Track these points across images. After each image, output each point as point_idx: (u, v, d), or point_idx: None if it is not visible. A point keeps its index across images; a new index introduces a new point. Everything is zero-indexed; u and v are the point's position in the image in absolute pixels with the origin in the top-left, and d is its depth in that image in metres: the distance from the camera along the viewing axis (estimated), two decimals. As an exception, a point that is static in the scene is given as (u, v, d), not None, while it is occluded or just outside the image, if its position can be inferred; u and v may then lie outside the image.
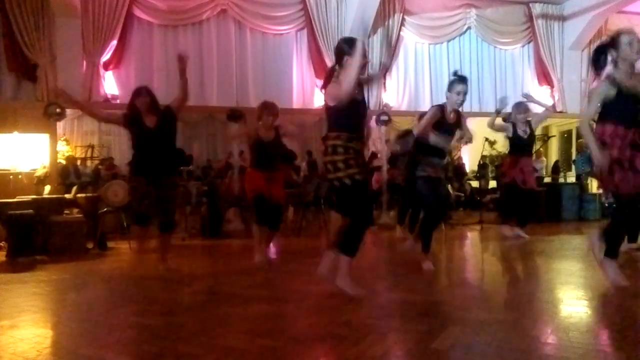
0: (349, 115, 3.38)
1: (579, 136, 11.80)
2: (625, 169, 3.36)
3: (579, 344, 2.52)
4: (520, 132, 6.20)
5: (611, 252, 3.54)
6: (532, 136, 6.37)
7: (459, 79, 4.32)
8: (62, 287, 4.28)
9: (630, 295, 3.52)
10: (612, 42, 3.45)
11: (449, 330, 2.73)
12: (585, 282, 3.85)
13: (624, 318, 2.99)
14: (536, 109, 6.84)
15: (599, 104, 3.49)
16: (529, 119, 6.31)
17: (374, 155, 9.10)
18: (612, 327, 2.87)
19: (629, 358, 2.31)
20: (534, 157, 7.49)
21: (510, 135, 6.25)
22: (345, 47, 3.37)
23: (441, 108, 4.39)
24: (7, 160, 7.18)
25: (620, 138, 3.38)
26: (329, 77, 3.49)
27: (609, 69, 3.53)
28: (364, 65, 3.34)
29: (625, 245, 4.36)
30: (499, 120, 6.33)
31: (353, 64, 3.24)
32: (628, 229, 3.84)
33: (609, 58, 3.49)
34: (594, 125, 3.61)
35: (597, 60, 3.55)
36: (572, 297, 3.49)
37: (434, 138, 4.32)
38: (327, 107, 3.43)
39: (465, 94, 4.32)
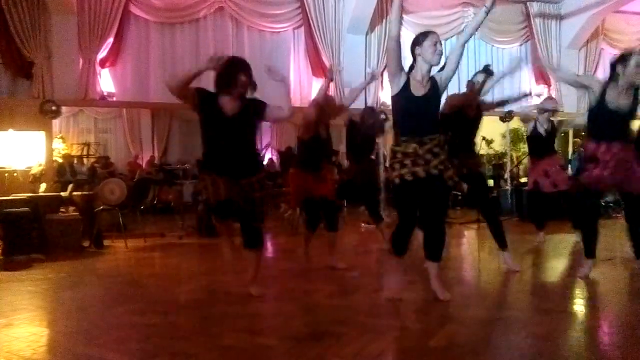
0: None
1: (575, 135, 11.82)
2: (582, 171, 3.89)
3: (577, 342, 2.53)
4: (540, 129, 5.71)
5: (587, 253, 3.89)
6: (551, 133, 5.80)
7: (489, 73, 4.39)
8: (58, 285, 4.26)
9: (628, 294, 3.53)
10: (623, 59, 3.70)
11: (446, 328, 2.73)
12: (582, 280, 3.85)
13: (621, 316, 2.99)
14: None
15: (585, 83, 3.91)
16: (553, 113, 5.87)
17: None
18: (609, 325, 2.88)
19: (627, 356, 2.31)
20: None
21: (529, 132, 5.81)
22: (417, 39, 3.25)
23: None
24: (3, 157, 7.14)
25: (588, 152, 3.81)
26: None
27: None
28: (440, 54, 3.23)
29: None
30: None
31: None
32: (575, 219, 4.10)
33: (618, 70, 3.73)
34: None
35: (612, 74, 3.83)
36: (569, 295, 3.49)
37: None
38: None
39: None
